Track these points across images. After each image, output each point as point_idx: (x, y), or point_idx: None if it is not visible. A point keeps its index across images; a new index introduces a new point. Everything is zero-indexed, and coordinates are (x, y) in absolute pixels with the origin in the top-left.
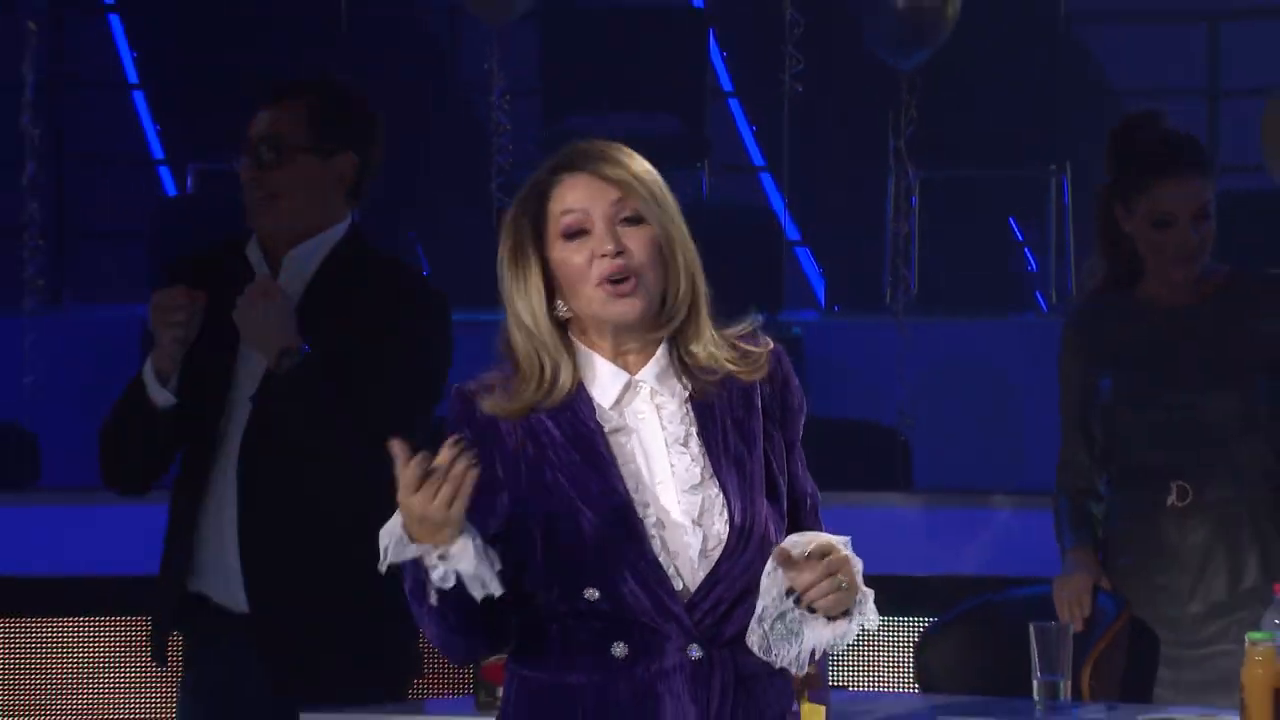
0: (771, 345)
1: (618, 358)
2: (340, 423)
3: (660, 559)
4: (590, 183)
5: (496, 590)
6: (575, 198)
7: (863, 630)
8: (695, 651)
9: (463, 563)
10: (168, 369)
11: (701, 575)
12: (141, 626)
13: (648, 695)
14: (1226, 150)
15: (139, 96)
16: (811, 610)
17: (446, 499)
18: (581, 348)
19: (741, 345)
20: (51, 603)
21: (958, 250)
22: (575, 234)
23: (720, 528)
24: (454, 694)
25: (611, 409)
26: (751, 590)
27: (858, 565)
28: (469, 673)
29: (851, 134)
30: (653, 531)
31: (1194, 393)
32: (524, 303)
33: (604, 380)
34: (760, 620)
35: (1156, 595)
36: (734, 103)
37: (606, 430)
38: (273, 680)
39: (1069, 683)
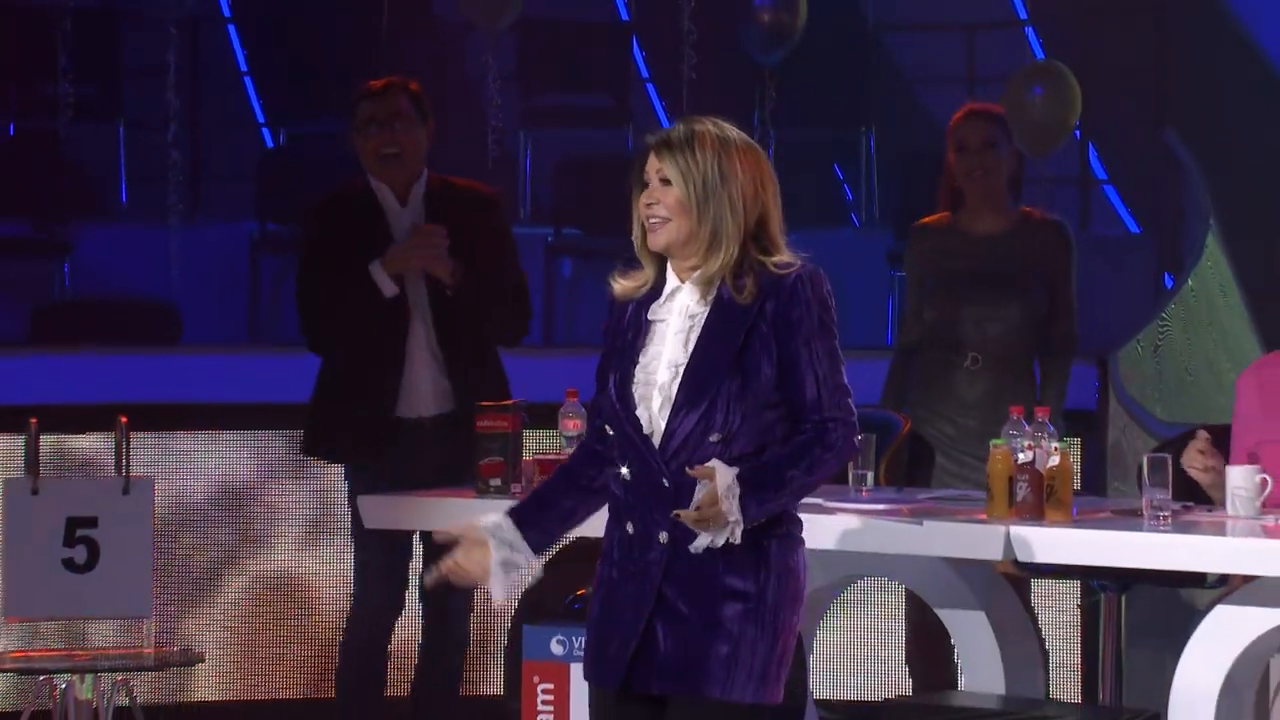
0: (793, 270)
1: (679, 271)
2: (489, 295)
3: (639, 412)
4: (651, 153)
5: (525, 560)
6: (646, 163)
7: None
8: (665, 481)
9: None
10: (398, 274)
11: (664, 426)
12: (249, 436)
13: (642, 503)
14: None
15: (248, 80)
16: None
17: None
18: (669, 260)
19: (769, 270)
20: (186, 421)
21: (801, 186)
22: (644, 186)
23: (673, 394)
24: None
25: (665, 304)
26: (710, 440)
27: (728, 506)
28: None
29: (730, 107)
30: (642, 392)
31: (992, 298)
32: (633, 223)
33: (668, 282)
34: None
35: (953, 421)
36: (650, 86)
37: (654, 320)
38: (442, 466)
39: (872, 474)
